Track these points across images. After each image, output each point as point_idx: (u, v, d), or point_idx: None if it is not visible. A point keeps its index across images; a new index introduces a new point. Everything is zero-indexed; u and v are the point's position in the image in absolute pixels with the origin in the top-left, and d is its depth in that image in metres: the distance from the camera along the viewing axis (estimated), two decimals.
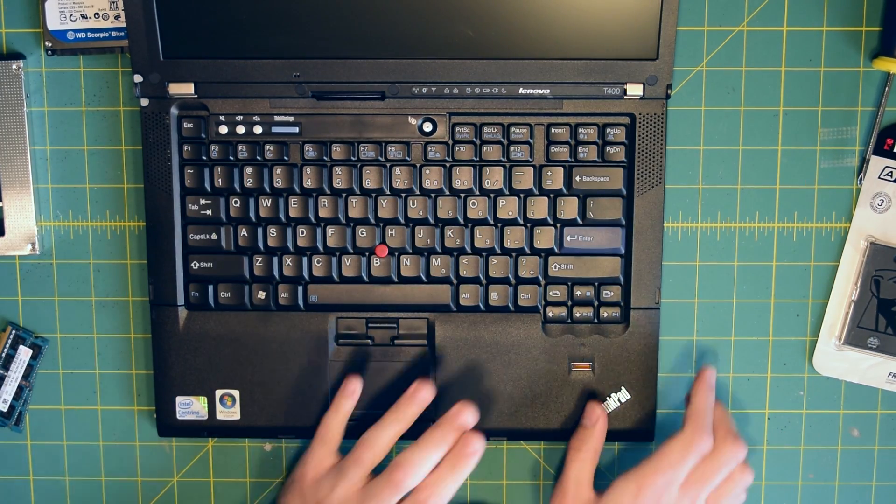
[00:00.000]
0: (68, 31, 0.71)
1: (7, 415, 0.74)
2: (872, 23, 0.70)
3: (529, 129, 0.70)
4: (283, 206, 0.71)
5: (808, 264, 0.72)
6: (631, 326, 0.71)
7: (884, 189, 0.70)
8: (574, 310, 0.71)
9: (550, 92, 0.69)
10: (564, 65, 0.68)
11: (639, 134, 0.69)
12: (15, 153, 0.72)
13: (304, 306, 0.72)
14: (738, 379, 0.73)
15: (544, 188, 0.70)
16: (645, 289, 0.70)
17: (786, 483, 0.74)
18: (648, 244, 0.70)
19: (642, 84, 0.68)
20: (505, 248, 0.71)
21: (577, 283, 0.71)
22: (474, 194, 0.71)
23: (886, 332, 0.71)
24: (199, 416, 0.71)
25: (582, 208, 0.70)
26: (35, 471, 0.76)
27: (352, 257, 0.71)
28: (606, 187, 0.70)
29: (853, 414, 0.73)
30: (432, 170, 0.70)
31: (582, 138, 0.70)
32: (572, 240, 0.70)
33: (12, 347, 0.73)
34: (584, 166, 0.70)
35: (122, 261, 0.74)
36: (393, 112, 0.70)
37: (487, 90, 0.69)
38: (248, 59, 0.69)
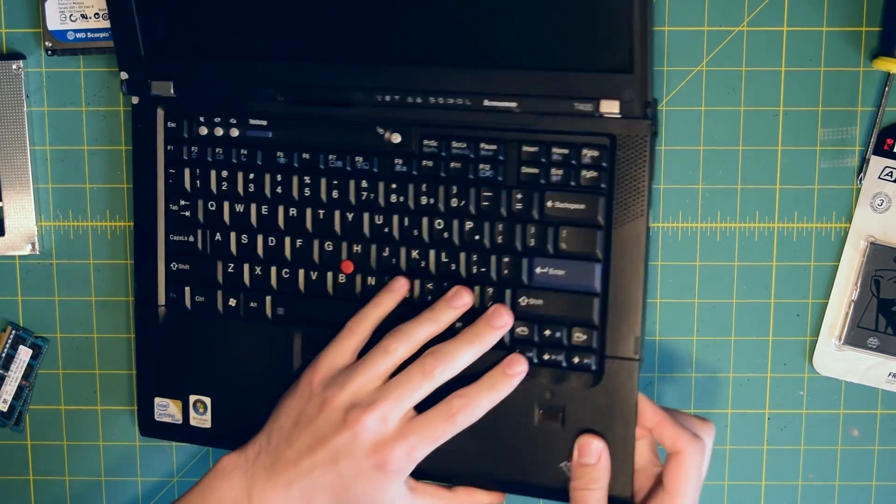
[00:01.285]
0: (68, 31, 0.71)
1: (7, 415, 0.74)
2: (872, 23, 0.70)
3: (500, 145, 0.63)
4: (254, 212, 0.68)
5: (808, 264, 0.72)
6: (604, 378, 0.62)
7: (884, 189, 0.70)
8: (543, 351, 0.64)
9: (518, 106, 0.62)
10: (528, 76, 0.61)
11: (619, 158, 0.62)
12: (15, 153, 0.72)
13: (272, 317, 0.68)
14: (738, 379, 0.73)
15: (514, 211, 0.64)
16: (620, 336, 0.62)
17: (786, 483, 0.74)
18: (626, 284, 0.62)
19: (618, 101, 0.61)
20: (471, 275, 0.65)
21: (547, 321, 0.63)
22: (440, 213, 0.65)
23: (886, 332, 0.71)
24: (175, 419, 0.71)
25: (555, 238, 0.63)
26: (35, 471, 0.76)
27: (317, 271, 0.67)
28: (581, 216, 0.62)
29: (853, 414, 0.73)
30: (398, 184, 0.65)
31: (555, 159, 0.63)
32: (542, 272, 0.63)
33: (12, 347, 0.73)
34: (556, 191, 0.63)
35: (122, 261, 0.74)
36: (362, 121, 0.65)
37: (451, 101, 0.63)
38: (224, 58, 0.67)
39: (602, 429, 0.63)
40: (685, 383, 0.73)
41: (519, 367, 0.63)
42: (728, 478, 0.73)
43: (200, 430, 0.71)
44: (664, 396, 0.73)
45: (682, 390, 0.73)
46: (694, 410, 0.73)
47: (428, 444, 0.61)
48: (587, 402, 0.63)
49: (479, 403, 0.62)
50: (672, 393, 0.73)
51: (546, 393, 0.63)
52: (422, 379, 0.62)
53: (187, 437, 0.71)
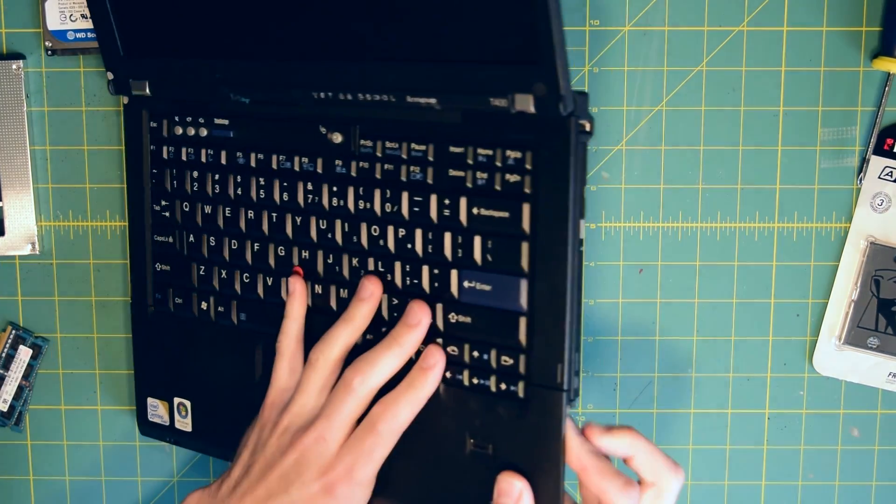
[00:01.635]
0: (68, 31, 0.71)
1: (7, 415, 0.74)
2: (872, 23, 0.70)
3: (430, 146, 0.58)
4: (220, 213, 0.66)
5: (808, 264, 0.72)
6: (530, 409, 0.55)
7: (884, 189, 0.70)
8: (472, 376, 0.57)
9: (437, 102, 0.56)
10: (440, 69, 0.55)
11: (539, 160, 0.54)
12: (15, 153, 0.72)
13: (237, 322, 0.66)
14: (738, 379, 0.73)
15: (443, 218, 0.57)
16: (544, 362, 0.54)
17: (786, 483, 0.74)
18: (552, 304, 0.54)
19: (531, 96, 0.53)
20: (406, 286, 0.59)
21: (475, 341, 0.57)
22: (377, 218, 0.60)
23: (886, 332, 0.71)
24: (163, 420, 0.71)
25: (483, 249, 0.56)
26: (35, 471, 0.76)
27: (272, 277, 0.64)
28: (506, 226, 0.55)
29: (853, 414, 0.73)
30: (339, 187, 0.61)
31: (480, 161, 0.56)
32: (469, 286, 0.57)
33: (12, 347, 0.73)
34: (480, 196, 0.56)
35: (122, 261, 0.74)
36: (306, 120, 0.62)
37: (378, 98, 0.58)
38: (189, 57, 0.65)
39: (528, 464, 0.55)
40: (685, 383, 0.73)
41: (432, 358, 0.58)
42: (728, 478, 0.73)
43: (184, 433, 0.70)
44: (664, 396, 0.73)
45: (682, 390, 0.73)
46: (694, 411, 0.73)
47: (365, 462, 0.57)
48: (515, 434, 0.56)
49: (398, 408, 0.57)
50: (672, 393, 0.73)
51: (475, 420, 0.57)
52: (345, 393, 0.58)
53: (175, 440, 0.71)
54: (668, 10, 0.70)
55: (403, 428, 0.58)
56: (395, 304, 0.60)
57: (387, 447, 0.58)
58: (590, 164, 0.71)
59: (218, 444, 0.67)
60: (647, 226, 0.72)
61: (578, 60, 0.70)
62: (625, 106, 0.71)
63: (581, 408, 0.73)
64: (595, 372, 0.73)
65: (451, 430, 0.58)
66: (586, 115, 0.54)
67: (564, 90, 0.52)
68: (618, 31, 0.70)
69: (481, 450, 0.57)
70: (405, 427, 0.58)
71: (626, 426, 0.56)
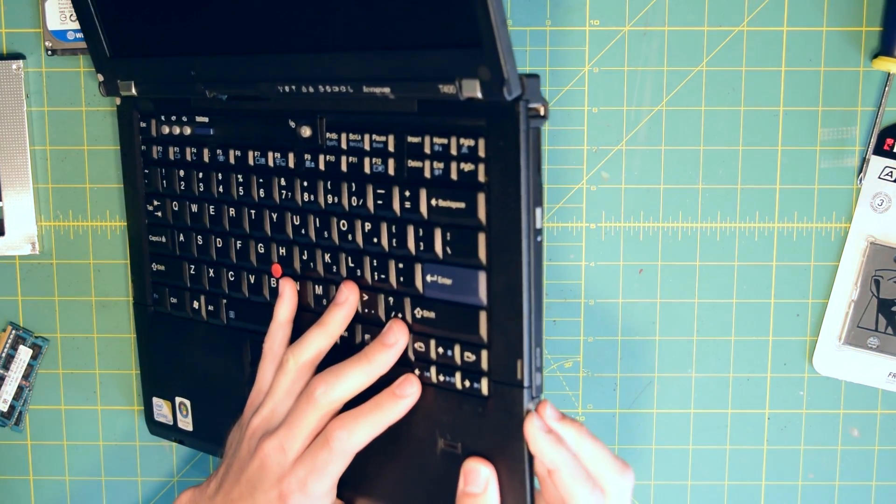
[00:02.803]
0: (68, 31, 0.71)
1: (7, 415, 0.74)
2: (872, 23, 0.70)
3: (390, 137, 0.57)
4: (206, 212, 0.65)
5: (808, 264, 0.72)
6: (491, 406, 0.54)
7: (884, 189, 0.70)
8: (439, 373, 0.56)
9: (391, 91, 0.55)
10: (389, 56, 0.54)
11: (490, 146, 0.52)
12: (15, 153, 0.72)
13: (226, 321, 0.66)
14: (738, 379, 0.73)
15: (405, 211, 0.56)
16: (504, 358, 0.53)
17: (786, 483, 0.74)
18: (509, 297, 0.52)
19: (477, 81, 0.51)
20: (375, 282, 0.58)
21: (439, 337, 0.56)
22: (344, 213, 0.59)
23: (886, 332, 0.71)
24: (167, 420, 0.71)
25: (443, 241, 0.55)
26: (35, 471, 0.76)
27: (254, 274, 0.64)
28: (463, 216, 0.54)
29: (853, 414, 0.73)
30: (309, 182, 0.60)
31: (436, 150, 0.55)
32: (432, 281, 0.55)
33: (12, 347, 0.73)
34: (438, 187, 0.55)
35: (122, 261, 0.74)
36: (276, 114, 0.61)
37: (336, 89, 0.57)
38: (168, 55, 0.64)
39: (494, 463, 0.54)
40: (685, 383, 0.73)
41: (409, 388, 0.57)
42: (728, 478, 0.73)
43: (186, 432, 0.71)
44: (664, 396, 0.73)
45: (682, 390, 0.73)
46: (694, 411, 0.73)
47: (318, 477, 0.56)
48: (480, 432, 0.55)
49: (357, 428, 0.56)
50: (672, 393, 0.73)
51: (444, 418, 0.56)
52: (306, 403, 0.57)
53: (180, 438, 0.71)
54: (668, 10, 0.70)
55: (360, 447, 0.56)
56: (365, 300, 0.59)
57: (341, 463, 0.56)
58: (590, 164, 0.71)
59: (218, 443, 0.67)
60: (647, 226, 0.72)
61: (578, 60, 0.70)
62: (625, 106, 0.71)
63: (581, 408, 0.73)
64: (595, 372, 0.73)
65: (423, 429, 0.57)
66: (539, 98, 0.52)
67: (508, 73, 0.50)
68: (618, 31, 0.70)
69: (451, 448, 0.56)
70: (362, 446, 0.56)
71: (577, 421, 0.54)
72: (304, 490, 0.56)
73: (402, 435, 0.57)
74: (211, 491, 0.60)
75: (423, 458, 0.57)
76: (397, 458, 0.58)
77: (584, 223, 0.72)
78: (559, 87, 0.71)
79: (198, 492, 0.61)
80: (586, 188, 0.71)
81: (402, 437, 0.57)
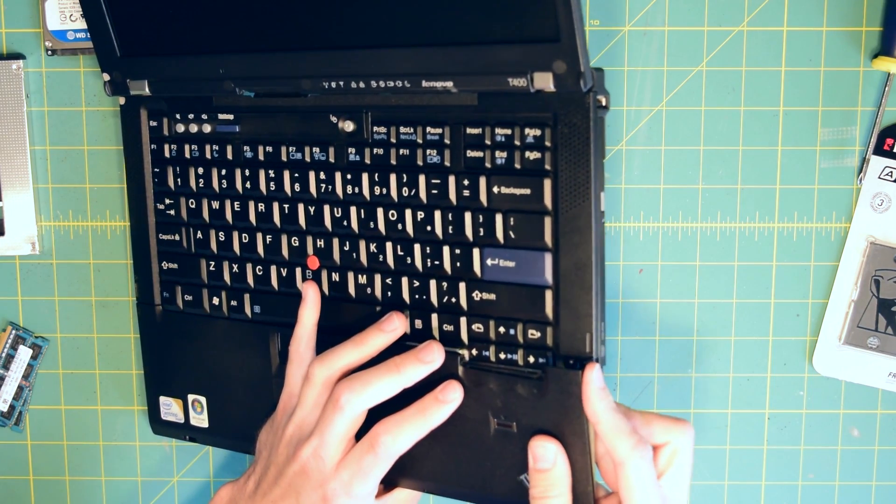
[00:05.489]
0: (68, 31, 0.71)
1: (7, 415, 0.74)
2: (872, 23, 0.70)
3: (446, 129, 0.59)
4: (228, 208, 0.66)
5: (808, 264, 0.72)
6: (550, 384, 0.57)
7: (884, 189, 0.70)
8: (499, 350, 0.59)
9: (454, 85, 0.57)
10: (458, 52, 0.56)
11: (560, 136, 0.56)
12: (15, 153, 0.72)
13: (251, 316, 0.67)
14: (738, 379, 0.73)
15: (462, 198, 0.59)
16: (572, 333, 0.56)
17: (786, 483, 0.74)
18: (577, 276, 0.56)
19: (551, 74, 0.55)
20: (427, 269, 0.60)
21: (500, 318, 0.59)
22: (393, 204, 0.61)
23: (886, 332, 0.71)
24: (177, 418, 0.71)
25: (504, 226, 0.58)
26: (35, 471, 0.76)
27: (286, 268, 0.65)
28: (527, 202, 0.57)
29: (853, 414, 0.73)
30: (353, 175, 0.62)
31: (499, 140, 0.58)
32: (493, 265, 0.58)
33: (12, 347, 0.73)
34: (501, 175, 0.58)
35: (122, 261, 0.74)
36: (316, 110, 0.63)
37: (392, 84, 0.59)
38: (188, 54, 0.65)
39: (557, 434, 0.57)
40: (685, 383, 0.73)
41: (452, 393, 0.59)
42: (728, 478, 0.73)
43: (200, 429, 0.71)
44: (664, 396, 0.73)
45: (682, 390, 0.73)
46: (694, 411, 0.73)
47: (362, 480, 0.58)
48: (541, 407, 0.57)
49: (401, 432, 0.57)
50: (672, 393, 0.73)
51: (497, 399, 0.59)
52: (333, 410, 0.58)
53: (191, 436, 0.72)
54: (668, 10, 0.70)
55: (404, 451, 0.58)
56: (416, 287, 0.61)
57: (385, 466, 0.58)
58: None
59: (235, 438, 0.68)
60: (647, 226, 0.72)
61: None
62: (625, 106, 0.71)
63: None
64: None
65: (475, 410, 0.59)
66: (603, 90, 0.57)
67: (585, 66, 0.54)
68: (618, 31, 0.70)
69: (506, 427, 0.58)
70: (406, 450, 0.58)
71: None
72: (349, 492, 0.58)
73: (453, 418, 0.59)
74: (249, 490, 0.61)
75: (476, 438, 0.59)
76: (449, 440, 0.60)
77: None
78: None
79: (236, 488, 0.62)
80: None
81: (454, 420, 0.59)
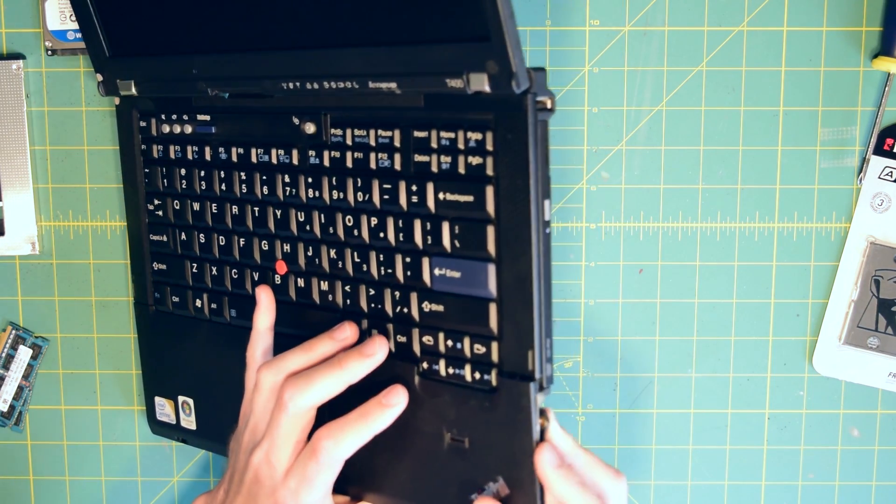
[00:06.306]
0: (68, 31, 0.71)
1: (7, 415, 0.74)
2: (872, 23, 0.70)
3: (396, 132, 0.56)
4: (208, 210, 0.65)
5: (808, 264, 0.72)
6: (499, 398, 0.54)
7: (884, 189, 0.70)
8: (448, 365, 0.56)
9: (398, 86, 0.55)
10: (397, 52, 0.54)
11: (498, 140, 0.53)
12: (15, 153, 0.72)
13: (229, 319, 0.66)
14: (738, 379, 0.73)
15: (412, 205, 0.56)
16: (513, 349, 0.53)
17: (786, 483, 0.74)
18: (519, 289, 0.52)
19: (485, 74, 0.51)
20: (381, 277, 0.58)
21: (448, 330, 0.56)
22: (350, 209, 0.59)
23: (886, 332, 0.71)
24: (170, 419, 0.71)
25: (451, 234, 0.55)
26: (35, 471, 0.76)
27: (258, 272, 0.63)
28: (471, 210, 0.54)
29: (853, 414, 0.73)
30: (314, 178, 0.60)
31: (443, 144, 0.55)
32: (440, 274, 0.55)
33: (12, 347, 0.73)
34: (446, 181, 0.54)
35: (122, 261, 0.74)
36: (279, 111, 0.61)
37: (343, 85, 0.56)
38: (169, 55, 0.64)
39: (502, 456, 0.54)
40: (685, 383, 0.73)
41: (395, 397, 0.56)
42: (728, 478, 0.73)
43: (190, 431, 0.71)
44: (664, 396, 0.73)
45: (682, 390, 0.73)
46: (694, 411, 0.73)
47: (309, 488, 0.56)
48: (489, 426, 0.54)
49: (343, 437, 0.55)
50: (672, 393, 0.73)
51: (451, 413, 0.56)
52: (279, 411, 0.56)
53: (182, 438, 0.71)
54: (668, 10, 0.70)
55: (347, 456, 0.56)
56: (371, 295, 0.59)
57: (330, 472, 0.56)
58: (590, 164, 0.71)
59: (222, 442, 0.67)
60: (647, 226, 0.72)
61: (578, 60, 0.70)
62: (625, 106, 0.71)
63: (581, 408, 0.73)
64: (595, 372, 0.73)
65: (430, 424, 0.57)
66: (546, 91, 0.52)
67: (516, 66, 0.50)
68: (618, 31, 0.70)
69: (458, 443, 0.56)
70: (349, 455, 0.56)
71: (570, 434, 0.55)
72: (298, 500, 0.56)
73: (409, 430, 0.57)
74: (220, 499, 0.61)
75: (430, 452, 0.57)
76: (405, 453, 0.58)
77: (584, 223, 0.72)
78: (559, 87, 0.71)
79: (209, 498, 0.62)
80: (586, 188, 0.71)
81: (410, 433, 0.57)
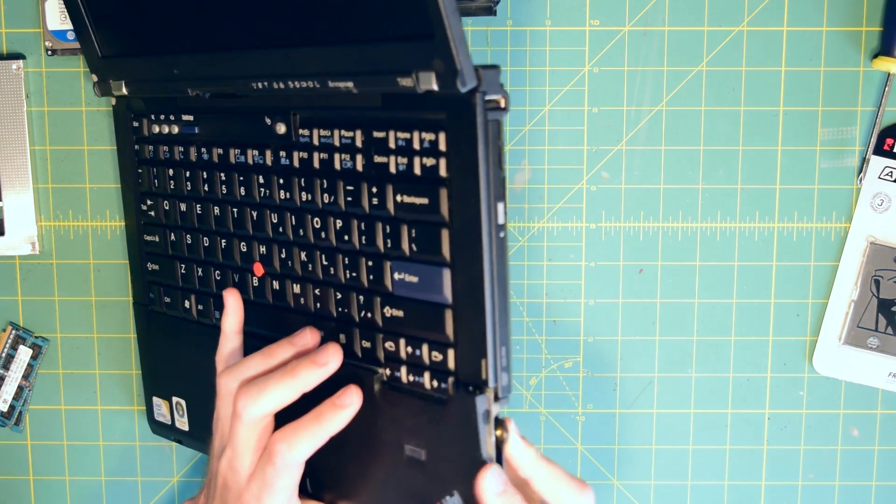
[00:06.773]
0: (68, 31, 0.71)
1: (7, 415, 0.74)
2: (872, 23, 0.70)
3: (357, 132, 0.55)
4: (194, 210, 0.64)
5: (808, 264, 0.72)
6: (450, 409, 0.52)
7: (884, 189, 0.70)
8: (409, 373, 0.54)
9: (355, 85, 0.53)
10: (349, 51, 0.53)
11: (450, 140, 0.51)
12: (15, 153, 0.72)
13: (214, 321, 0.65)
14: (738, 379, 0.73)
15: (374, 207, 0.55)
16: (468, 357, 0.51)
17: (786, 483, 0.74)
18: (472, 294, 0.50)
19: (433, 73, 0.50)
20: (347, 281, 0.57)
21: (409, 338, 0.54)
22: (318, 210, 0.57)
23: (886, 332, 0.71)
24: (166, 419, 0.71)
25: (409, 238, 0.53)
26: (35, 471, 0.76)
27: (238, 273, 0.62)
28: (427, 213, 0.52)
29: (853, 414, 0.73)
30: (285, 179, 0.59)
31: (400, 145, 0.53)
32: (400, 279, 0.54)
33: (12, 347, 0.73)
34: (403, 182, 0.53)
35: (122, 261, 0.74)
36: (253, 111, 0.60)
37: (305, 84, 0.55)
38: (153, 55, 0.64)
39: (457, 470, 0.52)
40: (685, 383, 0.73)
41: (349, 398, 0.55)
42: (728, 478, 0.73)
43: (183, 432, 0.71)
44: (664, 396, 0.73)
45: (682, 390, 0.73)
46: (694, 411, 0.73)
47: (269, 492, 0.55)
48: (444, 434, 0.52)
49: (298, 440, 0.54)
50: (672, 393, 0.73)
51: (408, 422, 0.54)
52: (235, 420, 0.56)
53: (179, 438, 0.72)
54: (668, 10, 0.70)
55: (304, 459, 0.55)
56: (339, 299, 0.58)
57: (289, 476, 0.55)
58: (590, 164, 0.71)
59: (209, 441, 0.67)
60: (647, 226, 0.72)
61: (578, 60, 0.70)
62: (625, 106, 0.71)
63: (581, 408, 0.73)
64: (595, 372, 0.73)
65: (390, 434, 0.55)
66: (498, 90, 0.50)
67: (461, 64, 0.48)
68: (618, 31, 0.70)
69: (415, 454, 0.54)
70: (306, 457, 0.55)
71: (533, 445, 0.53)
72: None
73: (371, 440, 0.56)
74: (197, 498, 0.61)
75: (390, 464, 0.55)
76: (368, 464, 0.56)
77: (584, 223, 0.72)
78: (559, 87, 0.71)
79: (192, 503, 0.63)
80: (586, 188, 0.71)
81: (372, 443, 0.56)
